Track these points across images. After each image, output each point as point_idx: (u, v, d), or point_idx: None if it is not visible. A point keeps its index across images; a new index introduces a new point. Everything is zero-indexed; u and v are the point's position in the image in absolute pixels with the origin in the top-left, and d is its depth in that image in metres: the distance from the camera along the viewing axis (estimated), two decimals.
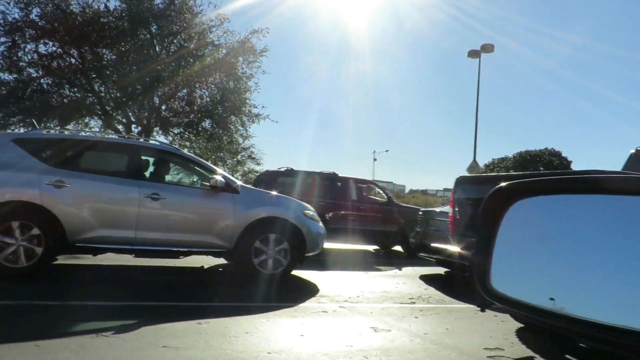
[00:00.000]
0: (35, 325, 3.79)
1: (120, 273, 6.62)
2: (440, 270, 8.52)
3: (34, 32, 16.54)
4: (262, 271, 6.41)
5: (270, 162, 61.03)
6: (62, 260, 6.67)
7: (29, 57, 17.19)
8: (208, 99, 19.71)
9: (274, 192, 7.47)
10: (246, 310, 4.82)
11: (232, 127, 20.13)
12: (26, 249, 5.50)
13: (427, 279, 7.86)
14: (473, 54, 22.36)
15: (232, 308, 4.90)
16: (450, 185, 9.63)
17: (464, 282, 6.81)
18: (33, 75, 17.36)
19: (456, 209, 6.91)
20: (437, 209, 9.19)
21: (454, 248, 6.91)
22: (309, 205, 7.17)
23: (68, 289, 5.29)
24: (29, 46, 17.04)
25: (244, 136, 20.92)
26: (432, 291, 6.70)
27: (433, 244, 7.77)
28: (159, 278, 6.48)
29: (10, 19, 16.36)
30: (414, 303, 5.78)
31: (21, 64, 17.06)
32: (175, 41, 18.31)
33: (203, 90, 19.76)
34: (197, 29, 18.14)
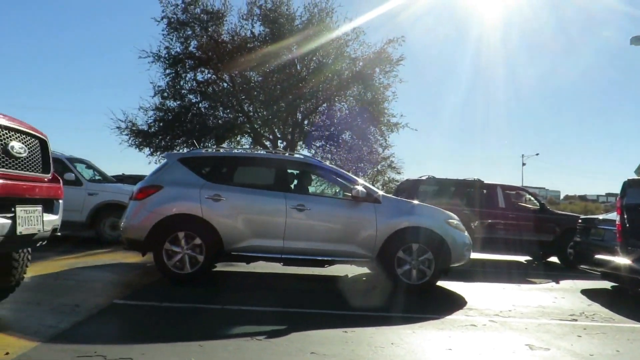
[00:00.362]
0: (198, 327, 4.15)
1: (271, 280, 7.00)
2: (606, 284, 7.62)
3: (192, 62, 18.52)
4: (406, 281, 6.31)
5: (410, 171, 60.33)
6: (220, 267, 7.26)
7: (189, 85, 19.31)
8: (347, 112, 20.18)
9: (416, 201, 7.34)
10: (390, 320, 4.77)
11: (371, 137, 20.35)
12: (190, 257, 6.08)
13: (590, 293, 7.07)
14: (638, 40, 19.85)
15: (376, 318, 4.89)
16: (615, 189, 8.59)
17: (637, 299, 6.00)
18: (193, 100, 19.42)
19: (625, 217, 6.15)
20: (600, 217, 8.27)
21: (623, 260, 6.14)
22: (453, 214, 6.90)
23: (226, 294, 5.73)
24: (188, 75, 19.13)
25: (383, 146, 21.04)
26: (597, 307, 6.00)
27: (597, 256, 6.98)
28: (306, 286, 6.72)
29: (173, 53, 18.53)
30: (575, 320, 5.23)
31: (183, 91, 19.22)
32: (314, 58, 19.11)
33: (342, 104, 20.33)
34: (334, 45, 18.73)
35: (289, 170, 7.01)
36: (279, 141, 20.23)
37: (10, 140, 3.36)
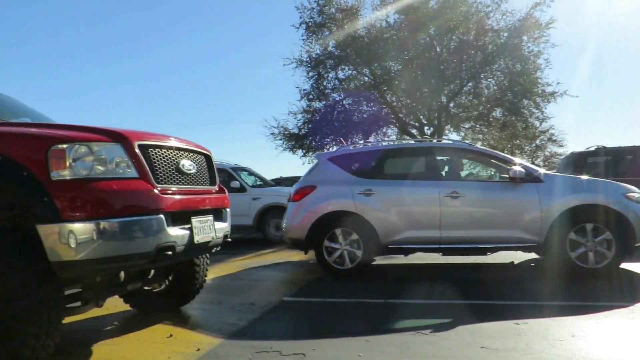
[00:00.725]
0: (363, 321, 4.23)
1: (432, 271, 6.86)
2: None
3: (332, 61, 19.02)
4: (582, 265, 5.73)
5: (575, 142, 54.58)
6: (379, 261, 7.33)
7: (332, 84, 19.87)
8: (495, 87, 18.99)
9: (585, 176, 6.63)
10: (568, 309, 4.36)
11: (525, 111, 18.85)
12: (349, 252, 6.25)
13: None
14: None
15: (550, 307, 4.50)
16: None
17: None
18: (337, 99, 19.94)
19: None
20: None
21: None
22: (632, 187, 6.08)
23: (387, 288, 5.76)
24: (330, 75, 19.70)
25: (540, 119, 19.34)
26: None
27: None
28: (469, 276, 6.46)
29: (314, 56, 19.23)
30: None
31: (327, 91, 19.83)
32: (454, 37, 18.31)
33: (489, 80, 19.17)
34: (474, 20, 17.73)
35: (439, 157, 6.82)
36: (426, 128, 19.80)
37: (181, 159, 3.75)
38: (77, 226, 2.74)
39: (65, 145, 2.84)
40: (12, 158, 2.80)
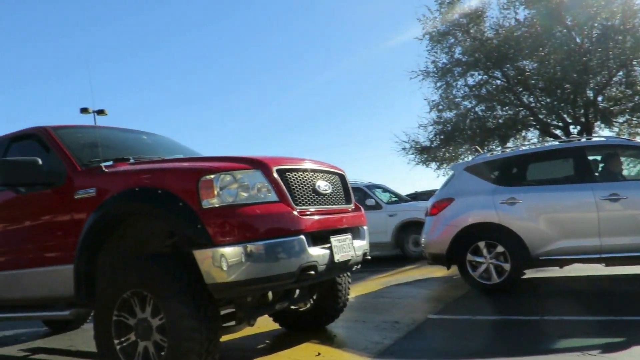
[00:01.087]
0: (518, 340, 3.91)
1: (592, 284, 6.18)
2: None
3: (460, 68, 18.41)
4: None
5: None
6: (529, 274, 6.79)
7: (462, 92, 19.20)
8: None
9: None
10: None
11: None
12: (495, 266, 5.87)
13: None
14: None
15: None
16: None
17: None
18: (468, 106, 19.20)
19: None
20: None
21: None
22: None
23: (542, 304, 5.30)
24: (459, 82, 19.06)
25: None
26: None
27: None
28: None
29: (440, 65, 18.79)
30: None
31: (457, 100, 19.20)
32: (596, 25, 16.64)
33: None
34: (618, 1, 15.95)
35: (590, 157, 6.16)
36: (571, 127, 18.14)
37: (317, 180, 3.85)
38: (227, 250, 2.93)
39: (212, 176, 3.07)
40: (169, 191, 3.11)
